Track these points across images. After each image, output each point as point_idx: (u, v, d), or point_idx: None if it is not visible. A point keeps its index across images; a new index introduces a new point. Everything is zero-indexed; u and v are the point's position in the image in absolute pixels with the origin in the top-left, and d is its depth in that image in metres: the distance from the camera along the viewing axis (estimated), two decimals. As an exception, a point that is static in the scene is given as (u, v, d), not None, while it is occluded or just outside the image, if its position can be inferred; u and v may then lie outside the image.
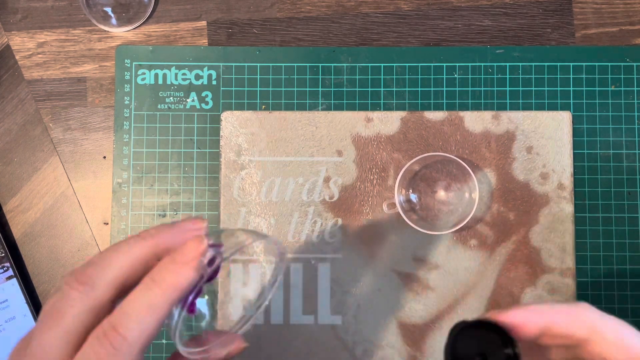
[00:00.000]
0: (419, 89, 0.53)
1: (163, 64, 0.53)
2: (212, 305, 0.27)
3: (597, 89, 0.53)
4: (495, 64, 0.53)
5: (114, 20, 0.54)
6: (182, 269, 0.26)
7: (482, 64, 0.53)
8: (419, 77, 0.53)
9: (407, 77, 0.53)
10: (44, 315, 0.26)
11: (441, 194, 0.51)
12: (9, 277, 0.51)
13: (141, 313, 0.25)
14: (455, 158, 0.49)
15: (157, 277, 0.26)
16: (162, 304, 0.26)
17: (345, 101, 0.53)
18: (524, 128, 0.52)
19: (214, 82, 0.53)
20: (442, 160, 0.51)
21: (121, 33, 0.54)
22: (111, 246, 0.27)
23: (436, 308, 0.50)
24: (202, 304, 0.28)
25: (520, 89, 0.53)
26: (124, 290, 0.27)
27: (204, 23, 0.54)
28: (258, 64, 0.53)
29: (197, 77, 0.53)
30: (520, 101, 0.53)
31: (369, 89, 0.53)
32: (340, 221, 0.51)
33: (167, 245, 0.27)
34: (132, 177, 0.52)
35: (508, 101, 0.53)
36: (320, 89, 0.53)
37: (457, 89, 0.53)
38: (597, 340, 0.31)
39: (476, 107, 0.53)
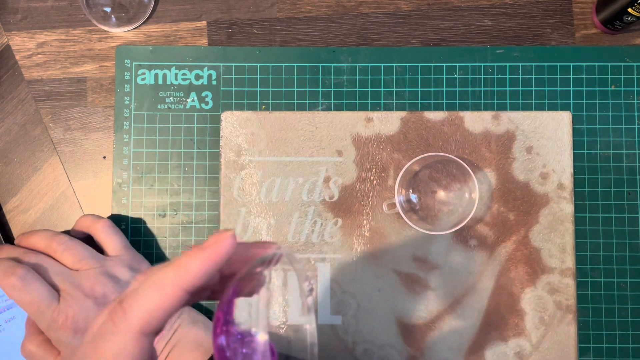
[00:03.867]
0: (419, 89, 0.53)
1: (163, 64, 0.53)
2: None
3: (597, 89, 0.53)
4: (495, 64, 0.53)
5: (113, 21, 0.54)
6: (200, 254, 0.25)
7: (482, 64, 0.53)
8: (419, 77, 0.53)
9: (407, 77, 0.53)
10: None
11: (441, 194, 0.51)
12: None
13: (148, 290, 0.24)
14: (455, 158, 0.49)
15: (175, 259, 0.25)
16: (171, 284, 0.24)
17: (345, 101, 0.53)
18: (524, 128, 0.52)
19: (214, 82, 0.53)
20: (442, 161, 0.51)
21: (121, 33, 0.54)
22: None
23: (436, 308, 0.50)
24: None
25: (520, 89, 0.53)
26: None
27: (204, 23, 0.54)
28: (258, 64, 0.53)
29: (197, 77, 0.53)
30: (520, 101, 0.53)
31: (369, 89, 0.53)
32: (340, 221, 0.51)
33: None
34: (132, 177, 0.52)
35: (508, 101, 0.53)
36: (320, 89, 0.53)
37: (457, 89, 0.53)
38: None
39: (476, 107, 0.53)
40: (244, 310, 0.26)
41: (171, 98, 0.53)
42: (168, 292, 0.24)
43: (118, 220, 0.52)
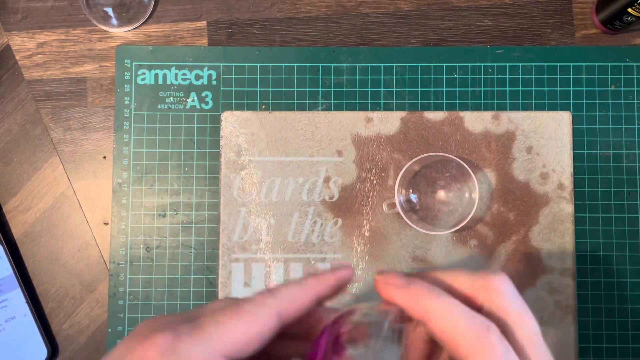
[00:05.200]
0: (419, 89, 0.53)
1: (163, 64, 0.53)
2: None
3: (597, 89, 0.53)
4: (495, 64, 0.53)
5: (114, 21, 0.54)
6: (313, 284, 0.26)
7: (482, 64, 0.53)
8: (419, 77, 0.53)
9: (407, 77, 0.53)
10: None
11: (441, 194, 0.51)
12: (9, 277, 0.51)
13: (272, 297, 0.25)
14: (455, 158, 0.49)
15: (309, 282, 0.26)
16: (266, 309, 0.24)
17: (345, 101, 0.53)
18: (523, 128, 0.52)
19: (214, 82, 0.53)
20: (442, 161, 0.51)
21: (121, 33, 0.54)
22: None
23: (436, 308, 0.50)
24: None
25: (520, 89, 0.53)
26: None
27: (204, 23, 0.54)
28: (258, 64, 0.53)
29: (197, 77, 0.53)
30: (520, 101, 0.53)
31: (369, 89, 0.53)
32: (340, 221, 0.51)
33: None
34: (132, 177, 0.52)
35: (508, 101, 0.53)
36: (320, 89, 0.53)
37: (457, 89, 0.53)
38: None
39: (476, 107, 0.53)
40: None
41: (171, 98, 0.53)
42: (256, 318, 0.24)
43: (118, 221, 0.52)
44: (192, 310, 0.26)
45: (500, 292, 0.25)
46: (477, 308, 0.25)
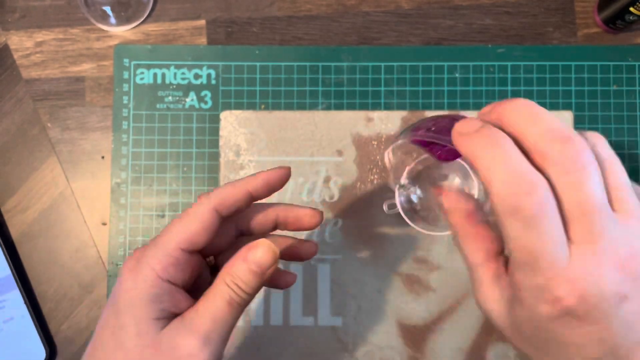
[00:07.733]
0: (420, 88, 0.53)
1: (162, 63, 0.53)
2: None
3: (599, 88, 0.53)
4: (496, 63, 0.53)
5: (112, 19, 0.53)
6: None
7: (484, 63, 0.53)
8: (420, 76, 0.53)
9: (407, 76, 0.53)
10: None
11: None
12: (7, 278, 0.50)
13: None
14: (456, 158, 0.48)
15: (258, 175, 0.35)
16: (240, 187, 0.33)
17: (345, 100, 0.52)
18: (525, 128, 0.51)
19: (213, 82, 0.53)
20: (443, 160, 0.51)
21: (120, 32, 0.54)
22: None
23: (437, 309, 0.50)
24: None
25: (522, 88, 0.52)
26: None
27: (203, 22, 0.54)
28: (257, 63, 0.53)
29: (196, 76, 0.53)
30: (522, 101, 0.52)
31: (370, 89, 0.53)
32: (340, 221, 0.51)
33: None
34: (130, 177, 0.52)
35: (509, 101, 0.52)
36: (320, 89, 0.53)
37: (458, 88, 0.52)
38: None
39: (478, 107, 0.52)
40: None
41: (170, 97, 0.53)
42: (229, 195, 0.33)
43: (117, 221, 0.51)
44: None
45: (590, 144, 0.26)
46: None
